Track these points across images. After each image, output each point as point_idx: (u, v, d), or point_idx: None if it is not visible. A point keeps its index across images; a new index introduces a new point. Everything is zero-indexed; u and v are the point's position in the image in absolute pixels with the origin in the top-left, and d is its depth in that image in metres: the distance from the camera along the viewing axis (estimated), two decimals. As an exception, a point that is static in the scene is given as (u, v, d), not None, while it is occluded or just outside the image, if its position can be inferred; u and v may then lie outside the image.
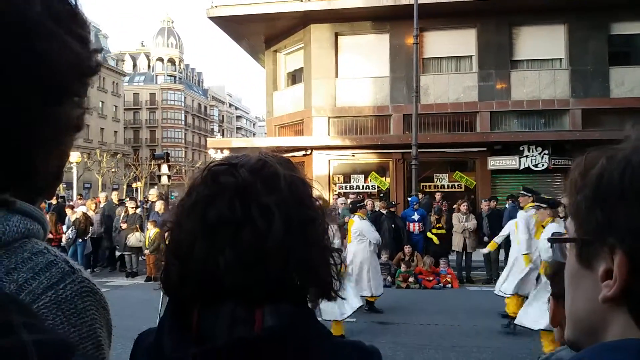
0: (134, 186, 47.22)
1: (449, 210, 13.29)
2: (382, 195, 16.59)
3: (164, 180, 19.82)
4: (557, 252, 0.72)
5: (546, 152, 16.36)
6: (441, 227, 12.14)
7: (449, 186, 17.68)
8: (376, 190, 17.77)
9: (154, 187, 18.33)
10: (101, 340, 0.85)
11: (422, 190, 15.21)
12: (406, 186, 16.95)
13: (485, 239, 11.63)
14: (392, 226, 11.91)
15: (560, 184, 16.54)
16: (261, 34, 19.94)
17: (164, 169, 19.71)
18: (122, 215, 12.74)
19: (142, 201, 15.85)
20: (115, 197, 14.70)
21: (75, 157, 21.59)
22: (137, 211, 12.90)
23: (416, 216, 12.21)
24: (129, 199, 14.54)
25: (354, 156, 18.03)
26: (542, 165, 16.39)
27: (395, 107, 18.08)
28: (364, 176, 18.23)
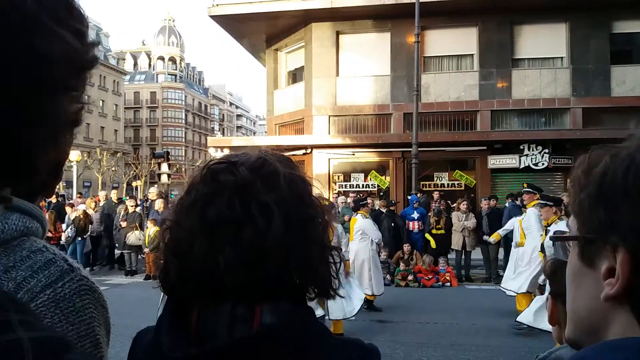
0: (134, 185, 47.23)
1: (447, 209, 13.29)
2: (382, 194, 16.59)
3: (164, 179, 19.79)
4: (559, 251, 0.71)
5: (546, 151, 16.35)
6: (440, 227, 12.14)
7: (449, 185, 17.69)
8: (376, 189, 17.77)
9: (154, 185, 18.30)
10: (99, 338, 0.84)
11: (420, 189, 15.20)
12: (406, 185, 16.95)
13: (484, 237, 11.63)
14: (392, 225, 11.92)
15: (560, 182, 16.53)
16: (262, 32, 19.93)
17: (164, 167, 19.70)
18: (121, 213, 12.76)
19: (142, 200, 15.84)
20: (114, 195, 14.71)
21: (75, 155, 21.58)
22: (137, 210, 12.91)
23: (416, 215, 12.22)
24: (128, 198, 14.54)
25: (354, 155, 18.03)
26: (542, 164, 16.39)
27: (395, 105, 18.07)
28: (364, 175, 18.23)
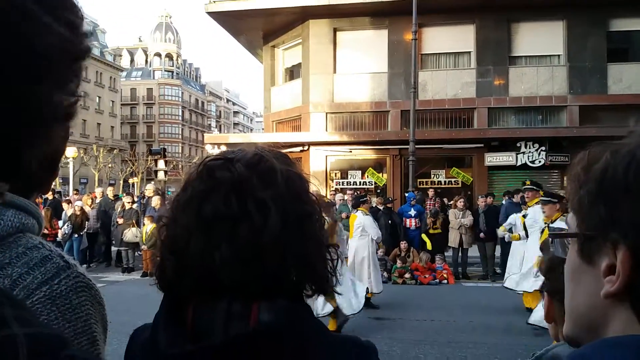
0: (131, 181, 47.10)
1: (442, 206, 13.31)
2: (379, 191, 16.60)
3: (161, 175, 19.75)
4: (557, 248, 0.71)
5: (543, 148, 16.37)
6: (437, 227, 12.13)
7: (445, 182, 17.71)
8: (373, 186, 17.78)
9: (151, 182, 18.24)
10: (96, 335, 0.84)
11: (416, 187, 15.21)
12: (403, 182, 16.96)
13: (481, 235, 11.66)
14: (389, 222, 11.93)
15: (557, 180, 16.58)
16: (259, 29, 19.88)
17: (161, 164, 19.67)
18: (118, 210, 12.73)
19: (140, 196, 15.81)
20: (110, 192, 14.67)
21: (71, 152, 21.53)
22: (134, 206, 12.88)
23: (413, 212, 12.22)
24: (125, 194, 14.50)
25: (351, 152, 18.03)
26: (539, 161, 16.42)
27: (393, 103, 18.07)
28: (361, 172, 18.24)
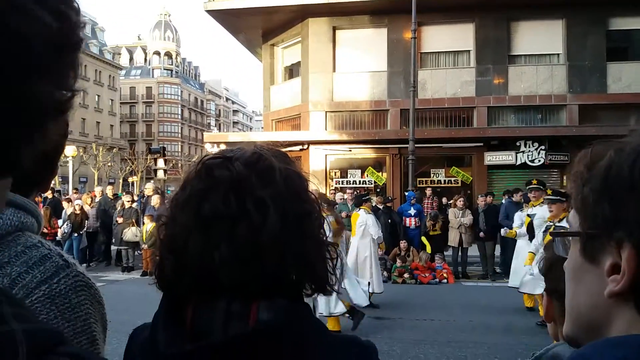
0: (130, 180, 47.10)
1: (440, 205, 13.29)
2: (378, 190, 16.60)
3: (160, 174, 19.74)
4: (558, 246, 0.71)
5: (543, 147, 16.37)
6: (436, 230, 12.09)
7: (445, 181, 17.71)
8: (373, 185, 17.78)
9: (150, 181, 18.25)
10: (96, 335, 0.84)
11: (416, 186, 15.20)
12: (403, 181, 16.95)
13: (481, 234, 11.65)
14: (389, 221, 11.91)
15: (556, 179, 16.58)
16: (259, 27, 19.85)
17: (160, 163, 19.65)
18: (118, 209, 12.72)
19: (140, 195, 15.79)
20: (110, 191, 14.66)
21: (71, 150, 21.51)
22: (134, 205, 12.87)
23: (413, 211, 12.19)
24: (124, 193, 14.49)
25: (350, 151, 18.02)
26: (539, 160, 16.41)
27: (392, 101, 18.06)
28: (360, 171, 18.22)
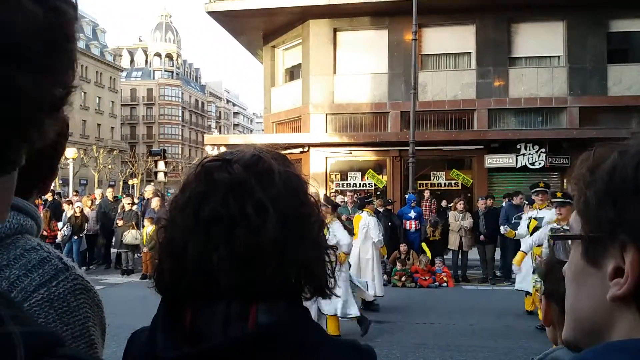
0: (130, 183, 47.11)
1: (438, 209, 13.29)
2: (379, 193, 16.59)
3: (161, 177, 19.71)
4: (559, 250, 0.70)
5: (543, 150, 16.36)
6: (436, 237, 12.07)
7: (445, 184, 17.69)
8: (373, 187, 17.76)
9: (151, 183, 18.24)
10: (94, 338, 0.83)
11: (416, 188, 15.18)
12: (403, 184, 16.93)
13: (481, 237, 11.62)
14: (389, 224, 11.88)
15: (557, 182, 16.56)
16: (259, 29, 19.87)
17: (161, 165, 19.63)
18: (118, 211, 12.72)
19: (140, 198, 15.78)
20: (110, 194, 14.65)
21: (71, 153, 21.52)
22: (134, 208, 12.86)
23: (413, 214, 12.17)
24: (125, 196, 14.48)
25: (351, 153, 18.01)
26: (539, 163, 16.40)
27: (393, 104, 18.06)
28: (360, 174, 18.21)
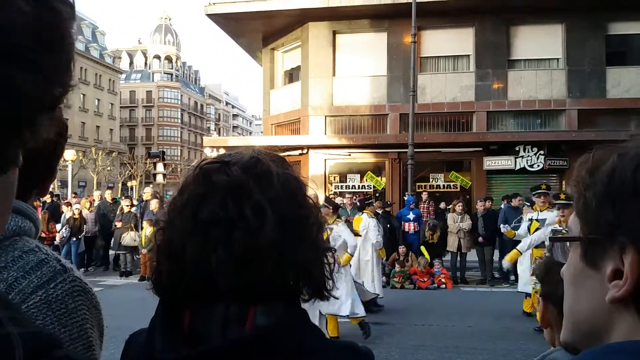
0: (129, 185, 47.08)
1: (436, 211, 13.28)
2: (377, 194, 16.58)
3: (160, 179, 19.71)
4: (557, 252, 0.71)
5: (542, 152, 16.38)
6: (433, 240, 12.05)
7: (444, 186, 17.69)
8: (372, 189, 17.76)
9: (149, 185, 18.24)
10: (92, 340, 0.83)
11: (415, 190, 15.16)
12: (402, 186, 16.93)
13: (480, 239, 11.62)
14: (388, 226, 11.87)
15: (555, 184, 16.57)
16: (259, 31, 19.89)
17: (160, 167, 19.63)
18: (117, 213, 12.71)
19: (139, 200, 15.77)
20: (109, 195, 14.64)
21: (70, 155, 21.47)
22: (132, 210, 12.84)
23: (412, 216, 12.17)
24: (123, 198, 14.47)
25: (350, 155, 18.01)
26: (538, 165, 16.42)
27: (392, 106, 18.07)
28: (359, 176, 18.21)
